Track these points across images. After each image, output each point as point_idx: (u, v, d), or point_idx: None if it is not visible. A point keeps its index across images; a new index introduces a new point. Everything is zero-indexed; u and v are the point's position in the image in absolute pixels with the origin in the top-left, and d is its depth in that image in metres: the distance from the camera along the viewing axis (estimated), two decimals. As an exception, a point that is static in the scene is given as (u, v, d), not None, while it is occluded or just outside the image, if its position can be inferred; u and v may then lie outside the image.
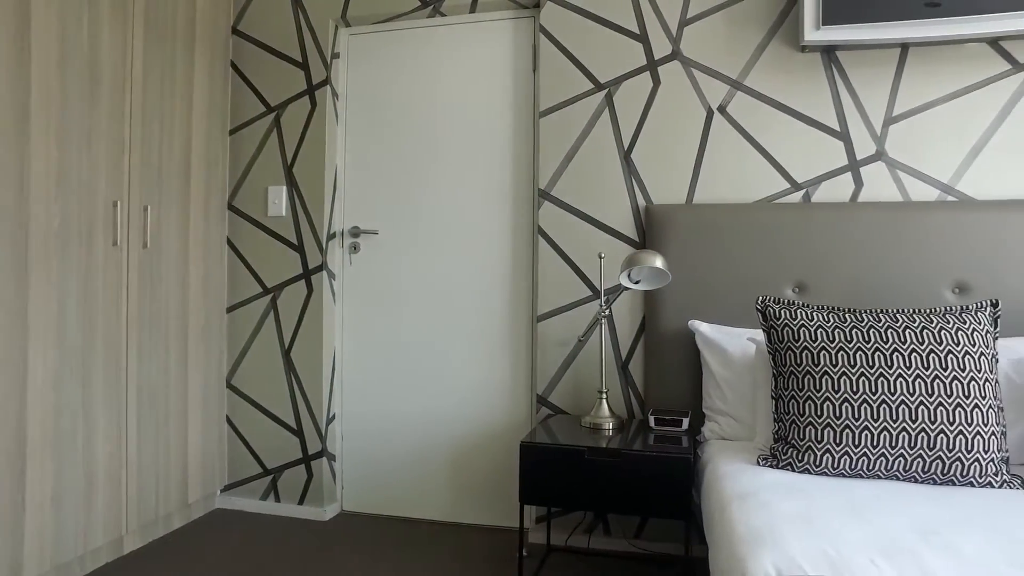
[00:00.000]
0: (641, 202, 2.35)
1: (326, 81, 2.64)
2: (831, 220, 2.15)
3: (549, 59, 2.43)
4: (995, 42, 2.14)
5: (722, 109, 2.31)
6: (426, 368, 2.63)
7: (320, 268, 2.64)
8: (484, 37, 2.58)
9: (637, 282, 2.08)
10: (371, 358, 2.69)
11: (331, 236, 2.69)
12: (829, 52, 2.24)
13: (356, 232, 2.70)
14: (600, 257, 2.19)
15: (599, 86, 2.39)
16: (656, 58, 2.35)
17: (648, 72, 2.36)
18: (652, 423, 2.07)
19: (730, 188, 2.29)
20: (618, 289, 2.24)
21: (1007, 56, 2.14)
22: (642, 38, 2.36)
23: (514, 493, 2.52)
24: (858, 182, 2.22)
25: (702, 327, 2.13)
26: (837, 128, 2.24)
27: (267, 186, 2.70)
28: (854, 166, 2.23)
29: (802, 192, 2.25)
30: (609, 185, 2.38)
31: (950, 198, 2.16)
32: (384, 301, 2.68)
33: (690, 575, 2.09)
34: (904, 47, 2.19)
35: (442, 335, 2.61)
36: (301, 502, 2.66)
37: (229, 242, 2.75)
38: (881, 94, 2.21)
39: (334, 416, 2.71)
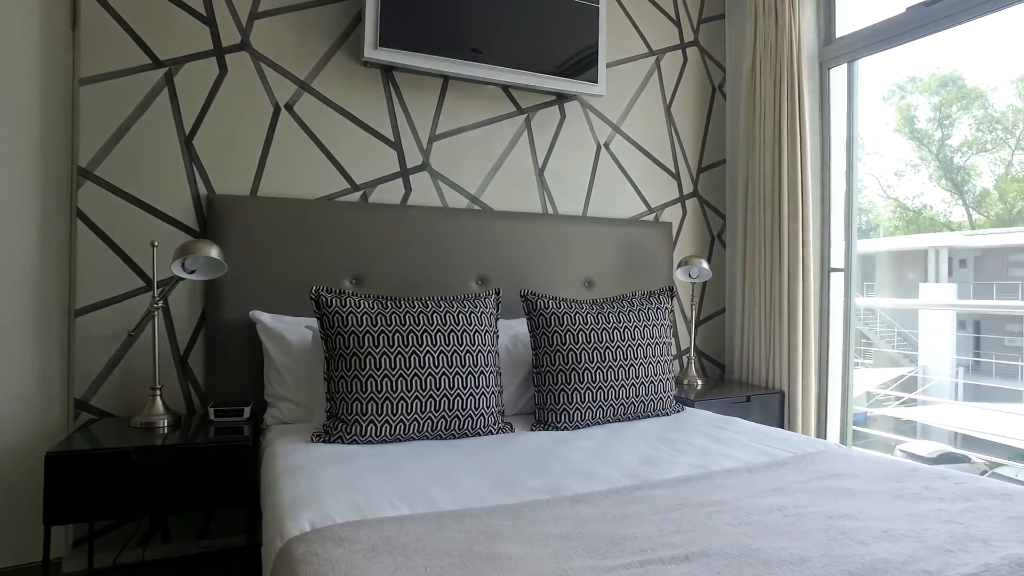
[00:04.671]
0: (203, 191, 2.27)
1: None
2: (385, 219, 2.43)
3: (94, 19, 2.15)
4: (507, 89, 2.71)
5: (289, 107, 2.39)
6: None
7: None
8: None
9: (192, 272, 2.02)
10: None
11: None
12: (388, 71, 2.52)
13: None
14: (153, 246, 2.04)
15: (158, 63, 2.22)
16: (224, 45, 2.30)
17: (215, 58, 2.29)
18: (212, 416, 2.03)
19: (294, 184, 2.39)
20: (173, 280, 2.12)
21: (514, 101, 2.73)
22: (209, 21, 2.29)
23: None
24: (408, 187, 2.56)
25: (263, 317, 2.17)
26: (392, 138, 2.53)
27: None
28: (405, 173, 2.55)
29: (360, 192, 2.49)
30: (167, 170, 2.23)
31: (475, 207, 2.66)
32: None
33: (255, 561, 2.11)
34: (447, 79, 2.61)
35: (-63, 336, 2.08)
36: None
37: None
38: (428, 114, 2.59)
39: None
